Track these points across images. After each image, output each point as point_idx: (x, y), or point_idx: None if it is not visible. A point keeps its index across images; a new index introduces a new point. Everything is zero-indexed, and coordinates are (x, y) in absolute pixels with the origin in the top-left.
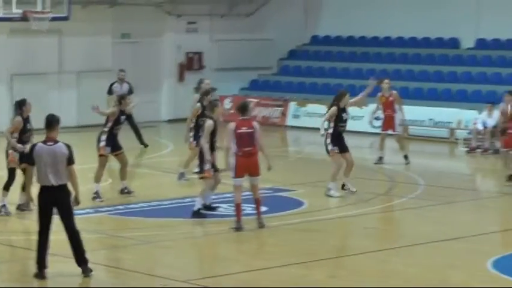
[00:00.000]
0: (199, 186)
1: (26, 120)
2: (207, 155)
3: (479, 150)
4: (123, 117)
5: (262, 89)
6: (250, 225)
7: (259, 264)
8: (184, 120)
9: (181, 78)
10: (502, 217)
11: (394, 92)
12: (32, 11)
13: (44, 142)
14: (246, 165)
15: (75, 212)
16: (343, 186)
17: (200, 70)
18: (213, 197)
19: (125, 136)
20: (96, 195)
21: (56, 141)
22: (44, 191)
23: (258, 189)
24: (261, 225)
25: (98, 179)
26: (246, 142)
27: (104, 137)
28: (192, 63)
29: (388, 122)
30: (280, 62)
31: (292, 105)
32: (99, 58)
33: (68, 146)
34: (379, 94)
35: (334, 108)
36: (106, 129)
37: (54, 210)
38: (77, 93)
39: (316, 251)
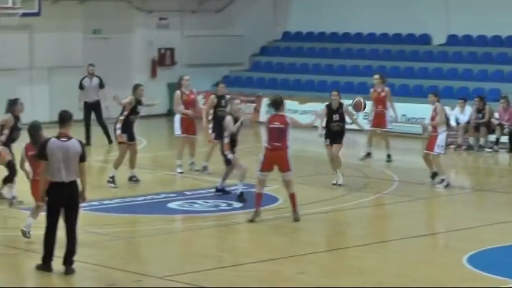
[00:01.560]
0: (181, 182)
1: (17, 119)
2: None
3: (452, 146)
4: (139, 107)
5: (234, 85)
6: (226, 220)
7: (233, 260)
8: (157, 116)
9: (153, 74)
10: (475, 213)
11: (387, 88)
12: (2, 7)
13: (57, 138)
14: (273, 159)
15: None
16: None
17: (172, 66)
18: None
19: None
20: (112, 180)
21: (69, 138)
22: (55, 187)
23: (292, 184)
24: (296, 219)
25: (116, 165)
26: (275, 137)
27: (119, 125)
28: (164, 59)
29: (379, 119)
30: (251, 58)
31: (265, 101)
32: (69, 54)
33: (81, 143)
34: (372, 90)
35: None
36: (122, 117)
37: None
38: (48, 89)
39: (289, 247)
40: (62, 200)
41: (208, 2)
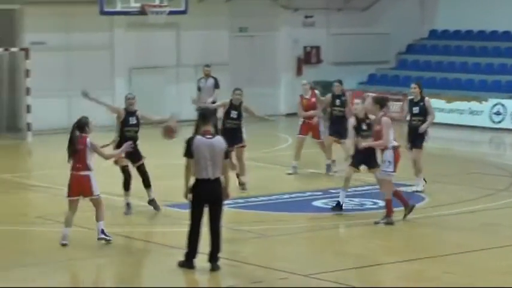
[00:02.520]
0: (326, 180)
1: (130, 114)
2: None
3: None
4: (233, 112)
5: (380, 83)
6: (371, 219)
7: (377, 259)
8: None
9: (299, 72)
10: None
11: None
12: (150, 5)
13: (203, 135)
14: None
15: None
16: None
17: (318, 64)
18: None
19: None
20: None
21: (213, 135)
22: (201, 183)
23: None
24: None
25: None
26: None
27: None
28: (309, 57)
29: None
30: (398, 56)
31: None
32: (215, 52)
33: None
34: None
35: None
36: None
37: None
38: (195, 87)
39: (434, 246)
40: (207, 197)
41: (354, 0)
